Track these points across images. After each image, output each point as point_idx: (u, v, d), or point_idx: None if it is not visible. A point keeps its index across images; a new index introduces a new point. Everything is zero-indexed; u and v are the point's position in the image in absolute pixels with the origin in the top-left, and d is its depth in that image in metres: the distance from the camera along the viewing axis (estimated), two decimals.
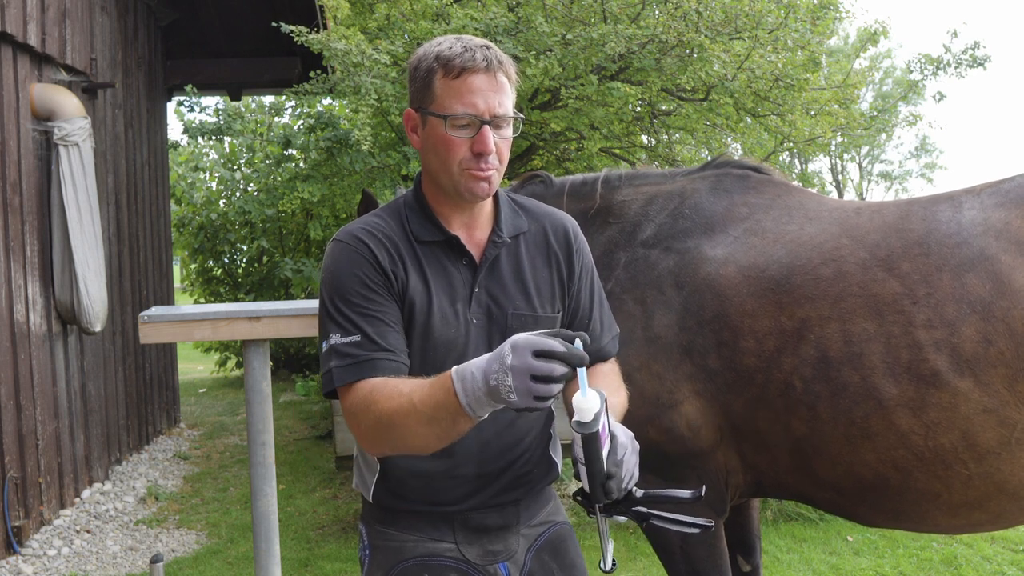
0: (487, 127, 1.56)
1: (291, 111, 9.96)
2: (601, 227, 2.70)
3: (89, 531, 5.21)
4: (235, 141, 10.77)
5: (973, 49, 7.29)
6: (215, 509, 5.76)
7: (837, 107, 6.45)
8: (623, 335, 2.15)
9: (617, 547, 4.75)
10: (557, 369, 1.27)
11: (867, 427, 2.20)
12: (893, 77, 29.62)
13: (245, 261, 11.36)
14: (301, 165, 7.95)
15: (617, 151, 6.86)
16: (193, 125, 8.43)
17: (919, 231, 2.28)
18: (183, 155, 11.59)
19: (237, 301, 10.12)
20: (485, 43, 1.59)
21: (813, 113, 6.30)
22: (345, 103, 7.00)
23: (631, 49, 5.47)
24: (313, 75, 6.04)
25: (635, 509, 1.48)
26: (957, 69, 7.33)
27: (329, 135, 6.43)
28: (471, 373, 1.34)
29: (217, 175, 11.14)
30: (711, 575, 2.49)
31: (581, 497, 1.49)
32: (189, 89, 7.46)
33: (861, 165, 33.69)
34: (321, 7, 6.24)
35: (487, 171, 1.59)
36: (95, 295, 5.50)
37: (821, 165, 29.43)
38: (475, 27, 5.41)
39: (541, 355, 1.27)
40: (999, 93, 61.52)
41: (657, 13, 5.70)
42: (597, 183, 2.77)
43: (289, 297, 10.22)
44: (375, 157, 5.98)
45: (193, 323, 2.97)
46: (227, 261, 11.19)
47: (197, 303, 10.80)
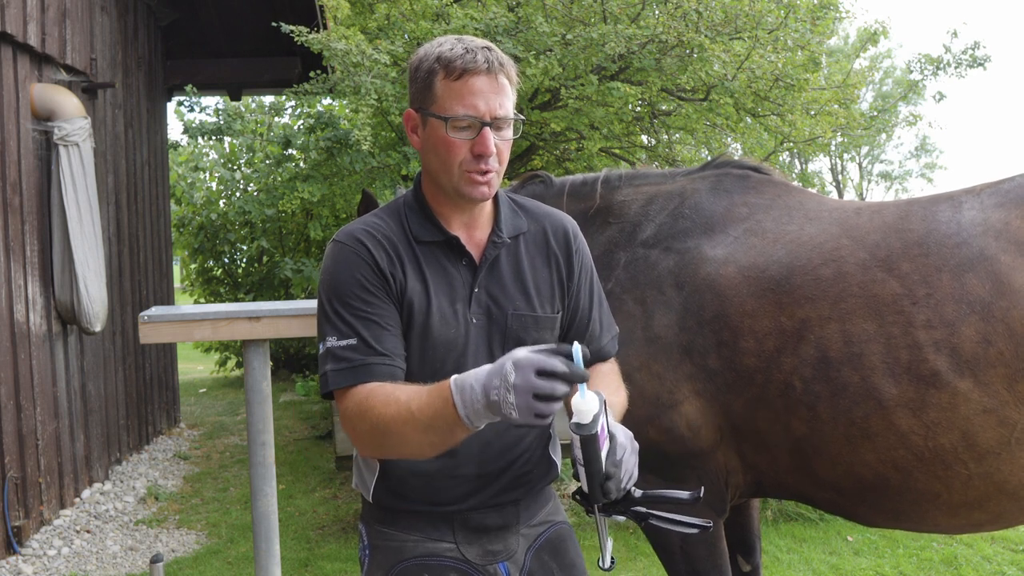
0: (488, 129, 1.56)
1: (291, 111, 9.96)
2: (601, 227, 2.70)
3: (89, 531, 5.21)
4: (235, 141, 10.77)
5: (973, 49, 7.29)
6: (215, 509, 5.76)
7: (837, 107, 6.44)
8: (623, 335, 2.15)
9: (617, 547, 4.75)
10: (559, 388, 1.29)
11: (867, 427, 2.20)
12: (893, 77, 29.63)
13: (245, 261, 11.36)
14: (301, 165, 7.95)
15: (617, 151, 6.86)
16: (193, 125, 8.43)
17: (919, 231, 2.28)
18: (183, 155, 11.59)
19: (237, 301, 10.12)
20: (486, 44, 1.59)
21: (813, 113, 6.30)
22: (345, 103, 7.00)
23: (631, 49, 5.47)
24: (313, 75, 6.04)
25: (634, 509, 1.49)
26: (957, 69, 7.34)
27: (329, 135, 6.42)
28: (470, 385, 1.35)
29: (217, 175, 11.14)
30: (711, 575, 2.49)
31: (580, 497, 1.49)
32: (189, 89, 7.47)
33: (861, 165, 33.70)
34: (321, 7, 6.24)
35: (487, 174, 1.59)
36: (95, 295, 5.50)
37: (821, 165, 29.46)
38: (475, 27, 5.41)
39: (544, 374, 1.29)
40: (999, 93, 61.62)
41: (657, 13, 5.70)
42: (597, 183, 2.77)
43: (289, 297, 10.22)
44: (375, 157, 5.98)
45: (193, 323, 2.97)
46: (227, 261, 11.20)
47: (197, 303, 10.80)
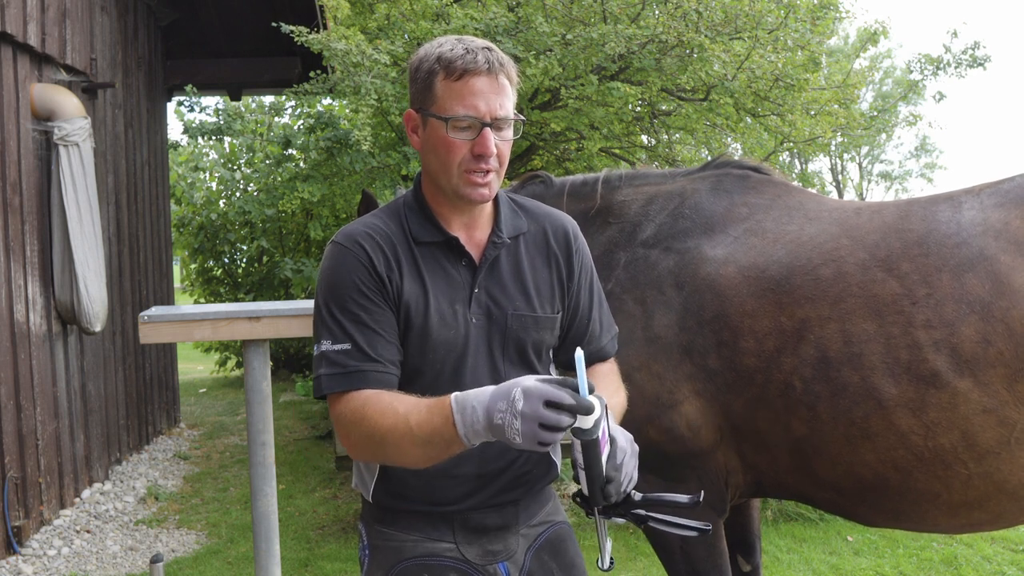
0: (488, 129, 1.56)
1: (291, 111, 9.96)
2: (601, 227, 2.70)
3: (89, 531, 5.21)
4: (235, 141, 10.77)
5: (973, 49, 7.28)
6: (215, 509, 5.76)
7: (837, 107, 6.44)
8: (623, 335, 2.15)
9: (617, 547, 4.75)
10: (565, 421, 1.32)
11: (867, 427, 2.20)
12: (893, 77, 29.62)
13: (245, 261, 11.36)
14: (301, 165, 7.94)
15: (617, 151, 6.86)
16: (193, 125, 8.43)
17: (919, 231, 2.28)
18: (183, 155, 11.59)
19: (237, 301, 10.12)
20: (487, 45, 1.59)
21: (813, 113, 6.29)
22: (345, 103, 6.99)
23: (631, 49, 5.46)
24: (313, 75, 6.04)
25: (634, 512, 1.49)
26: (957, 69, 7.33)
27: (329, 135, 6.42)
28: (472, 406, 1.37)
29: (217, 175, 11.14)
30: (711, 575, 2.49)
31: (580, 499, 1.50)
32: (189, 89, 7.46)
33: (861, 165, 33.69)
34: (321, 7, 6.24)
35: (487, 174, 1.59)
36: (95, 295, 5.50)
37: (821, 165, 29.45)
38: (475, 27, 5.40)
39: (552, 406, 1.31)
40: (999, 93, 61.60)
41: (657, 13, 5.70)
42: (597, 183, 2.77)
43: (289, 297, 10.22)
44: (375, 157, 5.98)
45: (193, 323, 2.97)
46: (227, 261, 11.20)
47: (197, 303, 10.80)
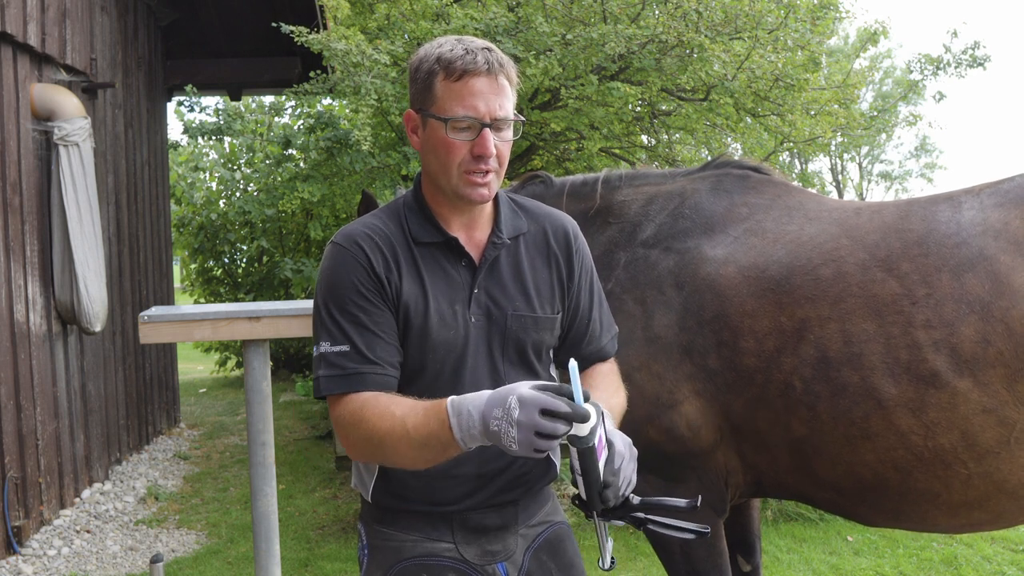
0: (487, 130, 1.56)
1: (291, 111, 9.95)
2: (601, 227, 2.71)
3: (89, 531, 5.21)
4: (235, 141, 10.76)
5: (973, 49, 7.28)
6: (215, 509, 5.77)
7: (837, 107, 6.44)
8: (623, 335, 2.15)
9: (617, 547, 4.75)
10: (560, 429, 1.33)
11: (867, 427, 2.20)
12: (893, 77, 29.61)
13: (245, 261, 11.36)
14: (301, 165, 7.94)
15: (617, 151, 6.85)
16: (193, 125, 8.43)
17: (918, 231, 2.28)
18: (183, 155, 11.59)
19: (237, 301, 10.12)
20: (487, 45, 1.59)
21: (813, 113, 6.29)
22: (345, 103, 6.99)
23: (631, 49, 5.46)
24: (313, 75, 6.04)
25: (632, 515, 1.49)
26: (957, 69, 7.33)
27: (329, 135, 6.42)
28: (468, 411, 1.38)
29: (217, 175, 11.14)
30: (711, 575, 2.49)
31: (579, 503, 1.50)
32: (189, 89, 7.46)
33: (861, 165, 33.69)
34: (321, 7, 6.24)
35: (486, 175, 1.59)
36: (95, 295, 5.50)
37: (821, 165, 29.44)
38: (475, 27, 5.40)
39: (548, 414, 1.32)
40: (999, 93, 61.59)
41: (657, 13, 5.69)
42: (597, 183, 2.77)
43: (289, 297, 10.22)
44: (375, 157, 5.98)
45: (193, 323, 2.97)
46: (227, 261, 11.20)
47: (197, 303, 10.80)
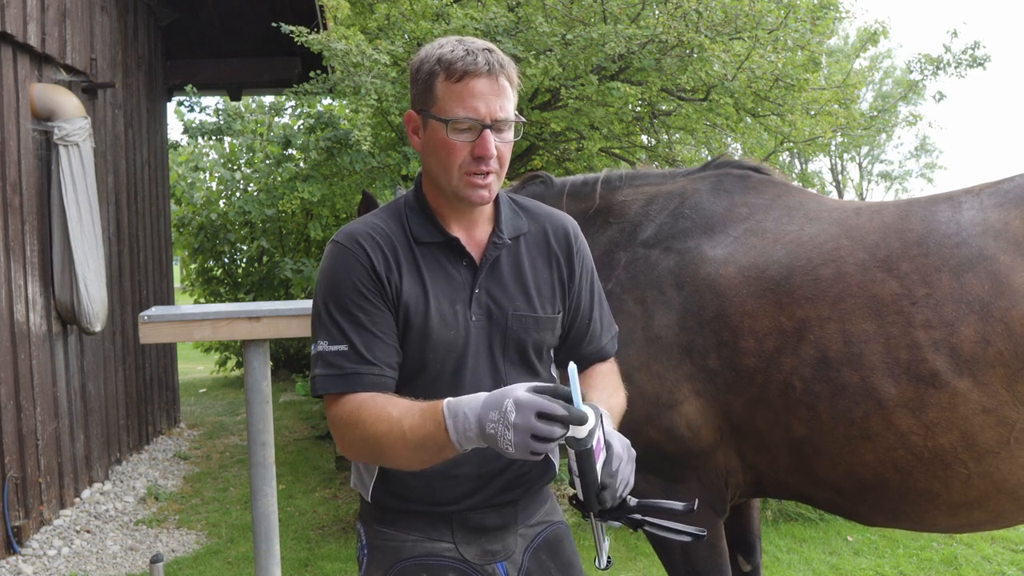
0: (488, 131, 1.56)
1: (291, 111, 9.95)
2: (601, 227, 2.71)
3: (89, 531, 5.21)
4: (235, 141, 10.76)
5: (973, 49, 7.28)
6: (215, 509, 5.77)
7: (837, 107, 6.43)
8: (623, 335, 2.16)
9: (617, 547, 4.75)
10: (557, 432, 1.33)
11: (867, 427, 2.20)
12: (893, 77, 29.60)
13: (245, 261, 11.36)
14: (301, 165, 7.94)
15: (617, 151, 6.85)
16: (193, 125, 8.43)
17: (918, 231, 2.28)
18: (183, 155, 11.58)
19: (237, 301, 10.12)
20: (487, 46, 1.59)
21: (813, 113, 6.29)
22: (345, 103, 6.99)
23: (631, 49, 5.46)
24: (313, 75, 6.04)
25: (629, 516, 1.49)
26: (957, 69, 7.32)
27: (329, 135, 6.42)
28: (464, 413, 1.39)
29: (217, 175, 11.14)
30: (711, 575, 2.49)
31: (576, 503, 1.50)
32: (189, 89, 7.46)
33: (861, 165, 33.68)
34: (321, 7, 6.24)
35: (487, 176, 1.59)
36: (95, 295, 5.50)
37: (821, 165, 29.42)
38: (475, 27, 5.40)
39: (544, 417, 1.33)
40: (999, 93, 61.57)
41: (657, 13, 5.69)
42: (597, 183, 2.77)
43: (289, 297, 10.22)
44: (375, 157, 5.98)
45: (193, 323, 2.97)
46: (227, 261, 11.19)
47: (197, 303, 10.80)
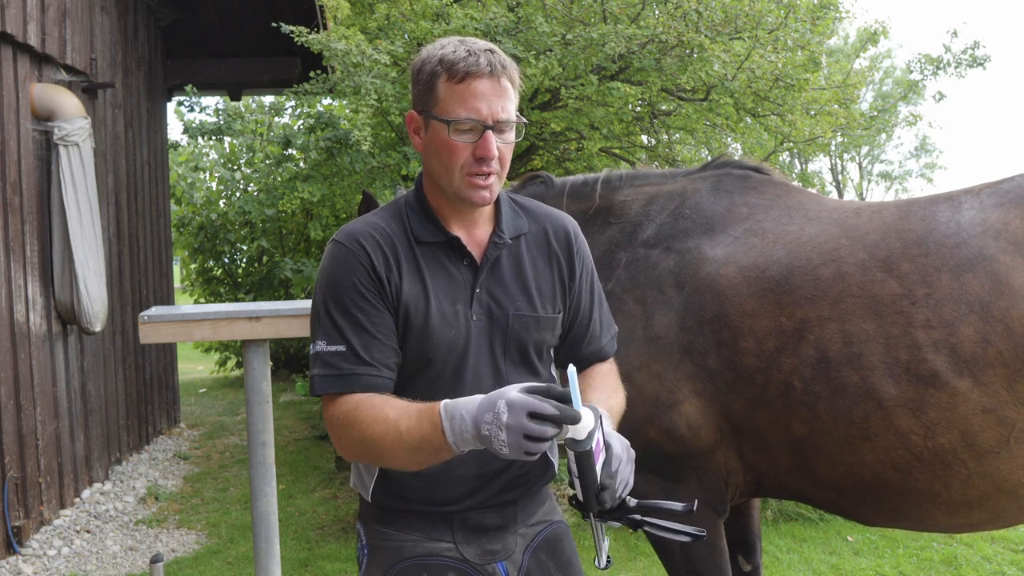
0: (490, 132, 1.56)
1: (291, 111, 9.95)
2: (602, 227, 2.71)
3: (89, 531, 5.21)
4: (235, 141, 10.76)
5: (973, 49, 7.28)
6: (215, 509, 5.77)
7: (837, 107, 6.44)
8: (623, 335, 2.16)
9: (617, 547, 4.75)
10: (549, 432, 1.34)
11: (866, 427, 2.20)
12: (893, 77, 29.59)
13: (245, 261, 11.36)
14: (301, 165, 7.94)
15: (617, 151, 6.86)
16: (193, 125, 8.43)
17: (918, 232, 2.28)
18: (183, 155, 11.58)
19: (237, 301, 10.12)
20: (489, 47, 1.59)
21: (813, 113, 6.29)
22: (345, 103, 6.99)
23: (631, 49, 5.46)
24: (313, 75, 6.04)
25: (629, 516, 1.50)
26: (957, 69, 7.32)
27: (329, 135, 6.42)
28: (460, 415, 1.40)
29: (217, 175, 11.14)
30: (711, 575, 2.49)
31: (576, 503, 1.50)
32: (189, 89, 7.46)
33: (861, 165, 33.67)
34: (321, 7, 6.24)
35: (488, 177, 1.60)
36: (95, 295, 5.50)
37: (821, 165, 29.42)
38: (475, 27, 5.40)
39: (536, 417, 1.34)
40: (999, 93, 61.55)
41: (657, 13, 5.69)
42: (597, 184, 2.77)
43: (289, 297, 10.21)
44: (375, 157, 5.98)
45: (193, 323, 2.97)
46: (227, 261, 11.19)
47: (197, 303, 10.80)
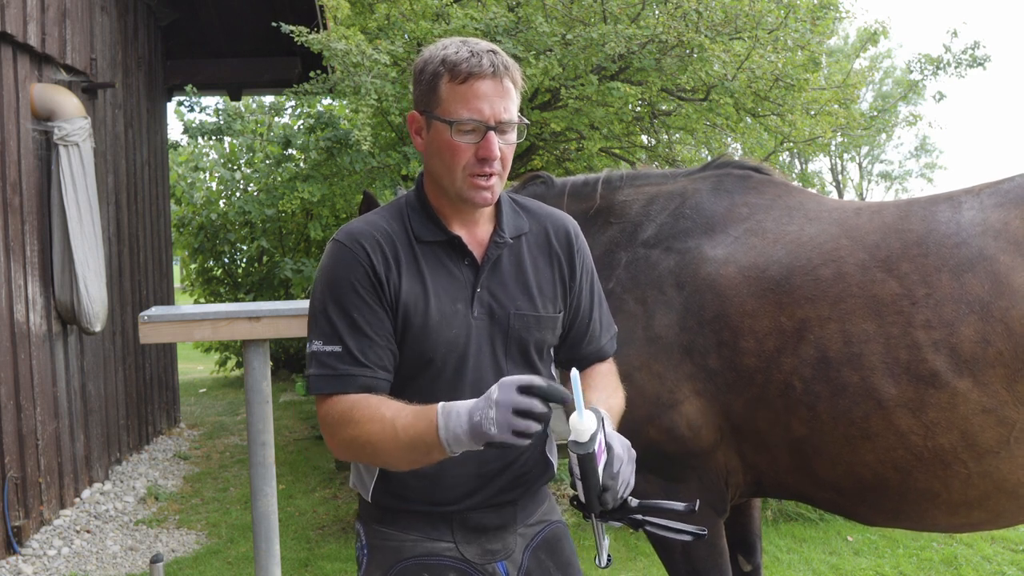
0: (492, 133, 1.56)
1: (291, 111, 9.96)
2: (602, 227, 2.71)
3: (89, 531, 5.21)
4: (235, 141, 10.77)
5: (973, 49, 7.28)
6: (215, 509, 5.77)
7: (837, 107, 6.44)
8: (624, 335, 2.16)
9: (617, 547, 4.75)
10: (537, 405, 1.34)
11: (867, 427, 2.20)
12: (893, 77, 29.60)
13: (245, 261, 11.36)
14: (301, 165, 7.94)
15: (617, 151, 6.86)
16: (193, 125, 8.43)
17: (918, 232, 2.28)
18: (183, 155, 11.58)
19: (237, 301, 10.12)
20: (492, 48, 1.59)
21: (813, 113, 6.29)
22: (345, 103, 7.00)
23: (631, 49, 5.46)
24: (313, 75, 6.04)
25: (631, 516, 1.50)
26: (957, 69, 7.33)
27: (329, 135, 6.43)
28: (457, 412, 1.41)
29: (217, 175, 11.14)
30: (712, 574, 2.49)
31: (577, 504, 1.50)
32: (189, 89, 7.46)
33: (861, 165, 33.68)
34: (321, 7, 6.24)
35: (490, 178, 1.60)
36: (95, 295, 5.50)
37: (821, 165, 29.44)
38: (475, 27, 5.40)
39: (524, 390, 1.34)
40: (999, 93, 61.54)
41: (657, 13, 5.70)
42: (598, 184, 2.77)
43: (289, 297, 10.21)
44: (375, 157, 5.98)
45: (193, 323, 2.97)
46: (227, 261, 11.20)
47: (197, 303, 10.80)
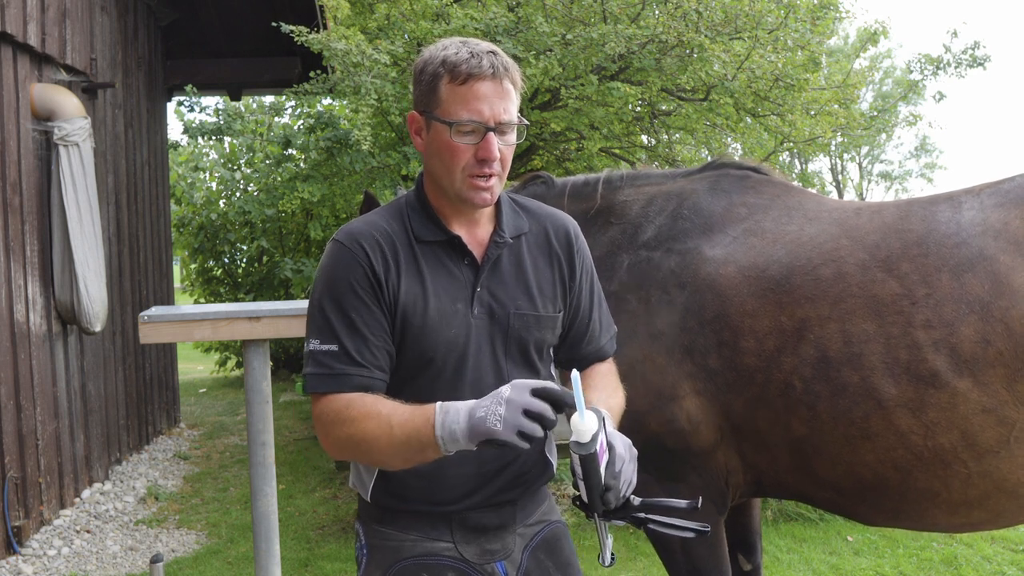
0: (492, 134, 1.57)
1: (291, 111, 9.95)
2: (603, 227, 2.71)
3: (89, 531, 5.21)
4: (235, 141, 10.76)
5: (973, 49, 7.28)
6: (215, 509, 5.77)
7: (837, 107, 6.44)
8: (626, 332, 2.16)
9: (617, 547, 4.75)
10: (548, 410, 1.36)
11: (867, 427, 2.20)
12: (893, 77, 29.61)
13: (245, 261, 11.36)
14: (301, 165, 7.94)
15: (617, 151, 6.86)
16: (193, 125, 8.43)
17: (918, 232, 2.29)
18: (183, 155, 11.58)
19: (237, 301, 10.12)
20: (492, 48, 1.59)
21: (813, 113, 6.29)
22: (345, 103, 6.99)
23: (631, 49, 5.46)
24: (313, 75, 6.04)
25: (633, 515, 1.50)
26: (957, 69, 7.33)
27: (329, 135, 6.43)
28: (455, 409, 1.42)
29: (217, 175, 11.14)
30: (712, 574, 2.49)
31: (579, 503, 1.50)
32: (189, 89, 7.46)
33: (861, 165, 33.69)
34: (321, 7, 6.24)
35: (490, 178, 1.60)
36: (95, 295, 5.50)
37: (821, 165, 29.44)
38: (475, 27, 5.40)
39: (537, 395, 1.36)
40: (999, 93, 61.54)
41: (657, 13, 5.70)
42: (598, 184, 2.78)
43: (289, 297, 10.21)
44: (375, 157, 5.98)
45: (193, 323, 2.97)
46: (227, 261, 11.20)
47: (197, 303, 10.80)
